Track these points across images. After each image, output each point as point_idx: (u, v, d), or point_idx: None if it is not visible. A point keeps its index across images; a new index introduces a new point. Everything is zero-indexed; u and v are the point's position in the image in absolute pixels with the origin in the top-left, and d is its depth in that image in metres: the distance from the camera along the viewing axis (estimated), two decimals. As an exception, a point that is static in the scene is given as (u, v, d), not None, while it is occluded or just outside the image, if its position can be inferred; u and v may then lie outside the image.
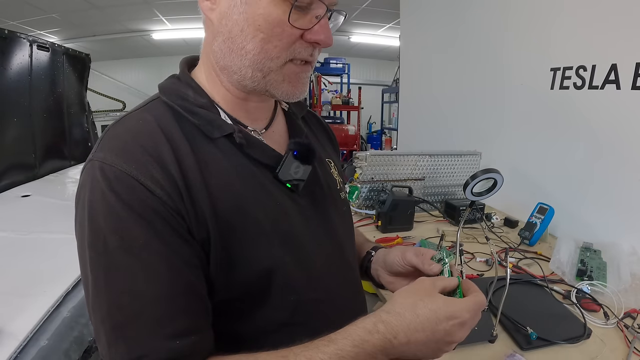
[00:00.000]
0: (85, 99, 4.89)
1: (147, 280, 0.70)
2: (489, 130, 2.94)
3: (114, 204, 0.70)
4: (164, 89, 0.88)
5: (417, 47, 4.18)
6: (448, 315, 0.71)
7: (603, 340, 1.28)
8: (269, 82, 0.83)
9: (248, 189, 0.83)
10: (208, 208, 0.76)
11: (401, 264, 1.00)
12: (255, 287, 0.82)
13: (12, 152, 3.54)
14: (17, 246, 2.23)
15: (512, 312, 1.33)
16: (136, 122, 0.81)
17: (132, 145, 0.75)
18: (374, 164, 2.41)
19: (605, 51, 1.93)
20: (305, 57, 0.83)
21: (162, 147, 0.76)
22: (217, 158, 0.81)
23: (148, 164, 0.73)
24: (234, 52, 0.81)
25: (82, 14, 7.79)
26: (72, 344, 1.58)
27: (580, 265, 1.66)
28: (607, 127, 1.97)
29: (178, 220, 0.73)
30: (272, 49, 0.79)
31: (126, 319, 0.69)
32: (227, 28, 0.80)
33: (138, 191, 0.71)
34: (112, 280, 0.70)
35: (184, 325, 0.71)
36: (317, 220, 0.95)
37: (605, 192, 2.01)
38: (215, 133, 0.82)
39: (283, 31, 0.78)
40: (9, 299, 1.67)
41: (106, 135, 0.80)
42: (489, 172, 1.08)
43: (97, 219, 0.71)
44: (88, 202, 0.72)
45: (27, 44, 3.71)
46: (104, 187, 0.71)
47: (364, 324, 0.72)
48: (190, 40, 10.59)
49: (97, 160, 0.74)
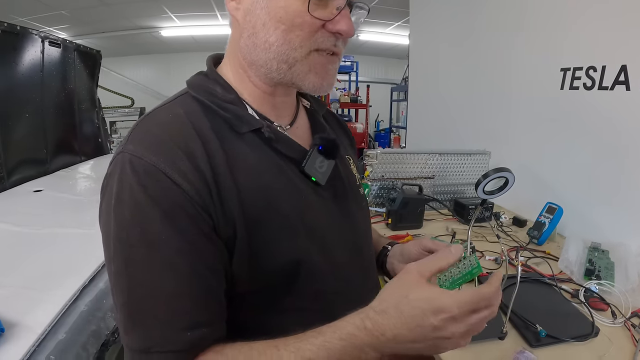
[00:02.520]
0: (96, 95, 4.92)
1: (164, 276, 0.72)
2: (498, 129, 2.94)
3: (140, 198, 0.72)
4: (193, 84, 0.90)
5: (426, 45, 4.17)
6: (434, 310, 0.69)
7: (610, 339, 1.29)
8: (295, 73, 0.85)
9: (275, 182, 0.85)
10: (236, 205, 0.78)
11: (419, 251, 1.01)
12: (279, 278, 0.84)
13: (23, 147, 3.56)
14: (31, 241, 2.25)
15: (521, 310, 1.34)
16: (166, 115, 0.83)
17: (162, 138, 0.77)
18: (385, 162, 2.43)
19: (615, 52, 1.93)
20: (329, 47, 0.85)
21: (193, 141, 0.78)
22: (245, 152, 0.83)
23: (177, 158, 0.75)
24: (258, 46, 0.84)
25: (91, 11, 7.82)
26: (89, 337, 1.60)
27: (589, 265, 1.67)
28: (616, 127, 1.97)
29: (204, 217, 0.75)
30: (295, 39, 0.82)
31: (141, 310, 0.73)
32: (250, 24, 0.84)
33: (165, 185, 0.72)
34: (131, 272, 0.73)
35: (196, 320, 0.74)
36: (339, 214, 0.97)
37: (613, 193, 2.02)
38: (244, 128, 0.85)
39: (304, 21, 0.80)
40: (25, 292, 1.68)
41: (136, 128, 0.81)
42: (501, 170, 1.10)
43: (123, 211, 0.73)
44: (115, 193, 0.74)
45: (39, 40, 3.73)
46: (132, 179, 0.72)
47: (353, 320, 0.73)
48: (199, 37, 10.62)
49: (127, 152, 0.75)
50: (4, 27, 3.14)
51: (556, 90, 2.31)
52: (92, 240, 2.24)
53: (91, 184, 3.74)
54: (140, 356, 0.72)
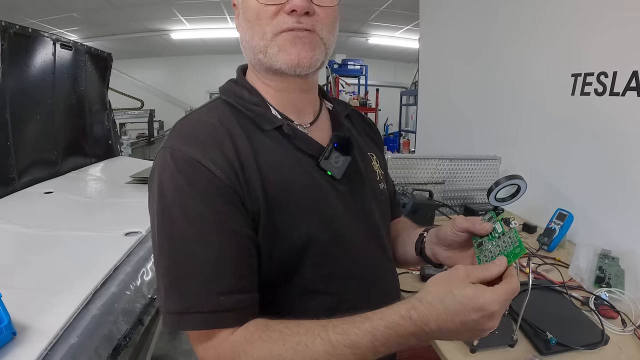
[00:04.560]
0: (107, 98, 4.93)
1: (201, 246, 0.84)
2: (509, 134, 2.94)
3: (179, 182, 0.85)
4: (224, 90, 1.05)
5: (436, 49, 4.18)
6: (477, 308, 0.73)
7: (620, 347, 1.29)
8: (269, 56, 0.95)
9: (293, 172, 0.96)
10: (259, 185, 0.89)
11: (453, 231, 1.01)
12: (293, 256, 0.94)
13: (34, 149, 3.57)
14: (42, 243, 2.25)
15: (532, 317, 1.34)
16: (200, 117, 0.97)
17: (196, 134, 0.91)
18: (396, 167, 2.44)
19: (627, 58, 1.93)
20: (290, 25, 0.92)
21: (221, 136, 0.91)
22: (268, 145, 0.95)
23: (209, 149, 0.87)
24: (245, 47, 1.00)
25: (101, 13, 7.87)
26: (101, 341, 1.59)
27: (599, 272, 1.67)
28: (627, 134, 1.97)
29: (234, 195, 0.87)
30: (258, 29, 0.94)
31: (181, 275, 0.83)
32: (240, 30, 1.01)
33: (200, 171, 0.85)
34: (172, 244, 0.85)
35: (229, 285, 0.84)
36: (354, 205, 1.04)
37: (624, 199, 2.01)
38: (267, 125, 0.97)
39: (260, 12, 0.92)
40: (37, 295, 1.68)
41: (175, 129, 0.95)
42: (513, 178, 1.10)
43: (166, 194, 0.85)
44: (158, 180, 0.87)
45: (50, 42, 3.75)
46: (173, 168, 0.86)
47: (399, 309, 0.77)
48: (209, 40, 10.65)
49: (167, 147, 0.89)
50: (16, 29, 3.15)
51: (567, 95, 2.31)
52: (103, 243, 2.25)
53: (102, 186, 3.76)
54: (180, 317, 0.82)
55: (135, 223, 2.48)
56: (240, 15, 1.00)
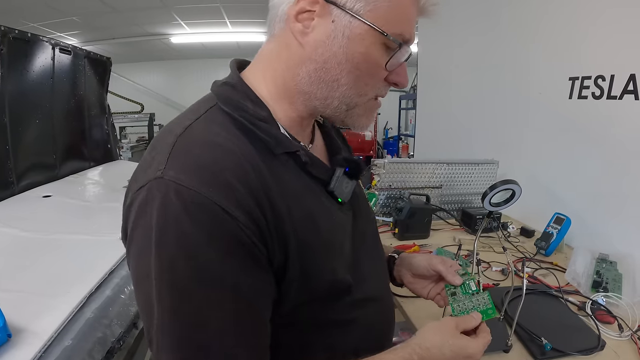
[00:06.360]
0: (106, 102, 4.95)
1: (218, 314, 0.69)
2: (506, 138, 2.94)
3: (189, 231, 0.66)
4: (224, 99, 0.82)
5: (435, 54, 4.17)
6: (466, 355, 0.88)
7: (617, 352, 1.29)
8: (349, 114, 0.86)
9: (314, 205, 0.84)
10: (290, 229, 0.76)
11: (427, 268, 1.14)
12: (322, 294, 0.85)
13: (33, 152, 3.59)
14: (40, 246, 2.26)
15: (527, 322, 1.33)
16: (208, 139, 0.76)
17: (207, 163, 0.71)
18: (392, 171, 2.43)
19: (624, 61, 1.92)
20: (384, 94, 0.88)
21: (240, 165, 0.73)
22: (286, 174, 0.80)
23: (229, 186, 0.70)
24: (324, 82, 0.82)
25: (102, 17, 7.85)
26: (95, 344, 1.60)
27: (596, 277, 1.67)
28: (625, 137, 1.96)
29: (260, 248, 0.72)
30: (363, 87, 0.83)
31: (195, 351, 0.68)
32: (322, 57, 0.80)
33: (219, 218, 0.67)
34: (182, 311, 0.68)
35: (249, 356, 0.72)
36: (361, 230, 1.01)
37: (622, 204, 2.00)
38: (278, 149, 0.80)
39: (377, 73, 0.82)
40: (33, 298, 1.69)
41: (174, 150, 0.73)
42: (508, 183, 1.10)
43: (168, 246, 0.67)
44: (157, 225, 0.67)
45: (49, 47, 3.76)
46: (179, 211, 0.66)
47: (402, 353, 0.85)
48: (209, 44, 10.65)
49: (169, 179, 0.68)
50: (15, 34, 3.16)
51: (564, 99, 2.30)
52: (100, 246, 2.26)
53: (100, 190, 3.77)
54: None
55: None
56: (335, 43, 0.78)
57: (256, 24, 8.83)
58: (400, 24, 0.79)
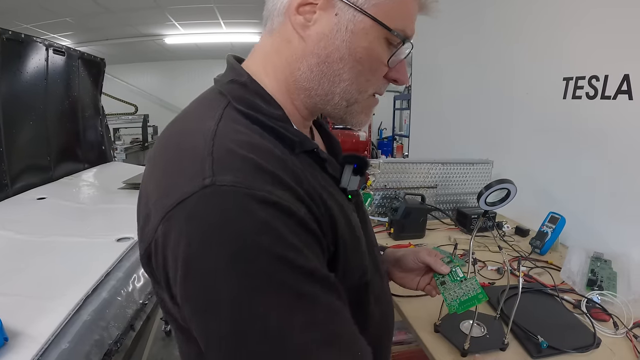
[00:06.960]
0: (100, 103, 4.93)
1: (329, 310, 0.66)
2: (501, 138, 2.95)
3: (285, 234, 0.62)
4: (234, 95, 0.77)
5: (429, 54, 4.18)
6: None
7: (612, 350, 1.29)
8: (349, 111, 0.84)
9: (336, 202, 0.79)
10: (334, 225, 0.74)
11: (415, 262, 1.16)
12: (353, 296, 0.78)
13: (27, 154, 3.56)
14: (35, 249, 2.24)
15: (523, 320, 1.34)
16: (236, 135, 0.70)
17: (259, 164, 0.66)
18: (387, 171, 2.43)
19: (618, 62, 1.94)
20: (383, 91, 0.87)
21: (283, 164, 0.70)
22: (309, 172, 0.76)
23: (288, 186, 0.67)
24: (326, 76, 0.80)
25: (95, 18, 7.84)
26: (92, 347, 1.60)
27: (591, 275, 1.68)
28: (619, 137, 1.98)
29: (322, 242, 0.70)
30: (364, 83, 0.81)
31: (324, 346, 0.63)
32: (325, 51, 0.78)
33: (296, 217, 0.65)
34: (299, 309, 0.62)
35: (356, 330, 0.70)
36: (366, 228, 1.00)
37: (616, 203, 2.02)
38: (299, 148, 0.77)
39: (379, 68, 0.81)
40: (29, 301, 1.68)
41: (216, 154, 0.65)
42: (503, 182, 1.10)
43: (269, 253, 0.60)
44: (244, 236, 0.60)
45: (43, 48, 3.74)
46: (269, 217, 0.62)
47: None
48: (203, 45, 10.64)
49: (240, 186, 0.61)
50: (8, 35, 3.15)
51: (559, 99, 2.32)
52: (94, 248, 2.25)
53: (94, 192, 3.75)
54: None
55: (127, 229, 2.47)
56: (338, 37, 0.76)
57: (250, 25, 8.83)
58: (402, 20, 0.79)
